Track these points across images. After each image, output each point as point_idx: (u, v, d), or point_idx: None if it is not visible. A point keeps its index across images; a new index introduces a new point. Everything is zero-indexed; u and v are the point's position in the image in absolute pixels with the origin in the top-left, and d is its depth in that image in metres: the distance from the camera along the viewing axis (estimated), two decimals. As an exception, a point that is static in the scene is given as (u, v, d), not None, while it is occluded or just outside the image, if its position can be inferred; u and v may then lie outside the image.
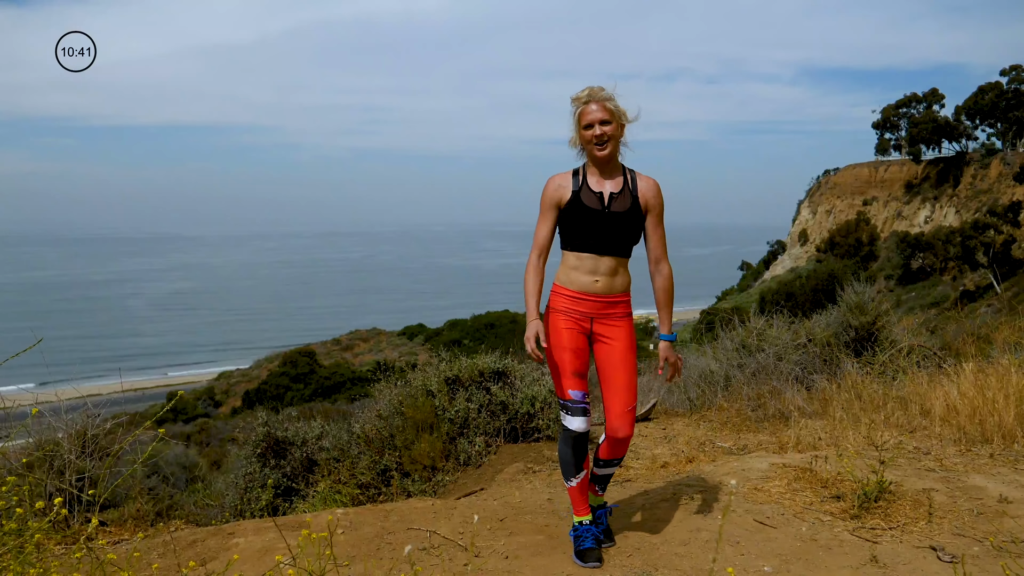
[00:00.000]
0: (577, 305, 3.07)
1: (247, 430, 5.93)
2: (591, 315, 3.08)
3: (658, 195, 3.10)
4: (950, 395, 5.16)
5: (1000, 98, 61.28)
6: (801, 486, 3.91)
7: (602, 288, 3.05)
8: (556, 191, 3.06)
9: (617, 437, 3.09)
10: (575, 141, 3.10)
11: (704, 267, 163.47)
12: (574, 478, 3.15)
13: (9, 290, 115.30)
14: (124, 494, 4.70)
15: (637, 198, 3.06)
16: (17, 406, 3.94)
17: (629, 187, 3.07)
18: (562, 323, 3.08)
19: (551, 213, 3.07)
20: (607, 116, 2.99)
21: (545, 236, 3.08)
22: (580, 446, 3.10)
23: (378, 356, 49.22)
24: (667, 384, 3.19)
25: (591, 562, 3.04)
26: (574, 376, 3.06)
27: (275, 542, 3.39)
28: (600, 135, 2.98)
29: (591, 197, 3.03)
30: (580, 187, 3.05)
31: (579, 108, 3.03)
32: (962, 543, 3.22)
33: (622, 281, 3.10)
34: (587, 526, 3.15)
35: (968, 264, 48.12)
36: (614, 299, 3.08)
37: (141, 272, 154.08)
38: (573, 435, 3.08)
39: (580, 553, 3.09)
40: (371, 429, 5.43)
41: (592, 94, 3.00)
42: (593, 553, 3.07)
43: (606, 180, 3.06)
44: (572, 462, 3.12)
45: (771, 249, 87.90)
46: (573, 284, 3.07)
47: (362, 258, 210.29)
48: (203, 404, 42.50)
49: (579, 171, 3.10)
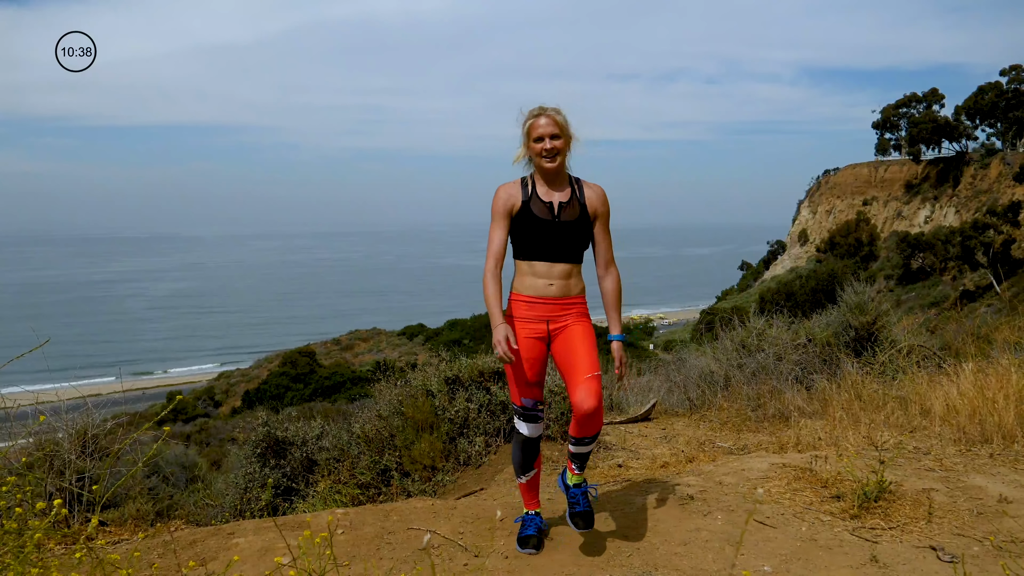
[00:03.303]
0: (533, 310, 3.15)
1: (247, 430, 5.93)
2: (547, 317, 3.16)
3: (605, 202, 3.21)
4: (950, 395, 5.16)
5: (1000, 98, 61.27)
6: (801, 486, 3.91)
7: (557, 291, 3.14)
8: (507, 200, 3.16)
9: (582, 409, 3.01)
10: (521, 155, 3.21)
11: (704, 267, 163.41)
12: (524, 476, 3.35)
13: (9, 290, 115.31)
14: (124, 494, 4.70)
15: (585, 206, 3.16)
16: (17, 406, 3.94)
17: (577, 196, 3.17)
18: (520, 332, 3.16)
19: (503, 221, 3.16)
20: (557, 131, 3.10)
21: (499, 244, 3.17)
22: (530, 450, 3.30)
23: (378, 356, 49.23)
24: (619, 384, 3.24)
25: (528, 548, 3.23)
26: (527, 385, 3.20)
27: (275, 542, 3.40)
28: (550, 148, 3.09)
29: (541, 207, 3.13)
30: (530, 197, 3.15)
31: (530, 121, 3.14)
32: (962, 543, 3.22)
33: (576, 285, 3.19)
34: (532, 516, 3.36)
35: (968, 264, 48.10)
36: (570, 301, 3.17)
37: (141, 272, 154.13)
38: (522, 439, 3.29)
39: (520, 539, 3.28)
40: (371, 429, 5.44)
41: (543, 109, 3.14)
42: (531, 540, 3.25)
43: (554, 191, 3.17)
44: (521, 463, 3.33)
45: (771, 249, 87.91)
46: (528, 289, 3.16)
47: (362, 258, 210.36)
48: (203, 404, 42.50)
49: (527, 181, 3.20)
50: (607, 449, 5.38)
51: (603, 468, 4.81)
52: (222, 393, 48.12)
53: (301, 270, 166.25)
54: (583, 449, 3.23)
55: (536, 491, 3.39)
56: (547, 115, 3.11)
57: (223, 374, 54.44)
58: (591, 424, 3.09)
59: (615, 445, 5.51)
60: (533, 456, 3.32)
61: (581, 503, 3.26)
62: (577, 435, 3.16)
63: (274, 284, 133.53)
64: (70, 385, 6.33)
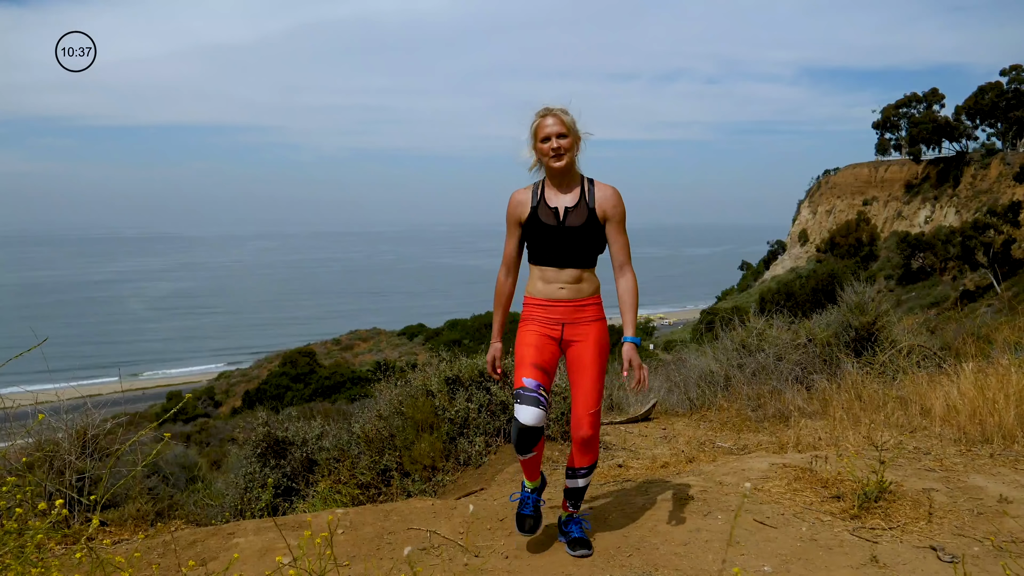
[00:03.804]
0: (547, 312, 3.15)
1: (247, 430, 5.93)
2: (562, 320, 3.14)
3: (617, 203, 3.15)
4: (950, 395, 5.16)
5: (1000, 98, 61.29)
6: (801, 486, 3.91)
7: (568, 295, 3.14)
8: (516, 208, 3.18)
9: (579, 434, 3.10)
10: (535, 162, 3.18)
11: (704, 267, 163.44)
12: (525, 455, 3.15)
13: (9, 290, 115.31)
14: (124, 494, 4.70)
15: (593, 209, 3.13)
16: (17, 406, 3.94)
17: (586, 199, 3.14)
18: (532, 326, 3.17)
19: (515, 230, 3.19)
20: (563, 130, 3.09)
21: (512, 252, 3.21)
22: (527, 437, 3.06)
23: (378, 356, 49.24)
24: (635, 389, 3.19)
25: (524, 530, 3.20)
26: (531, 366, 3.09)
27: (275, 542, 3.40)
28: (557, 147, 3.08)
29: (547, 213, 3.13)
30: (538, 203, 3.15)
31: (536, 122, 3.13)
32: (962, 543, 3.22)
33: (589, 287, 3.17)
34: (529, 492, 3.27)
35: (968, 264, 48.10)
36: (582, 303, 3.15)
37: (141, 272, 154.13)
38: (520, 428, 3.05)
39: (518, 516, 3.26)
40: (371, 429, 5.43)
41: (549, 109, 3.13)
42: (527, 521, 3.21)
43: (563, 194, 3.15)
44: (518, 447, 3.12)
45: (771, 249, 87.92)
46: (540, 293, 3.16)
47: (362, 258, 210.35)
48: (203, 404, 42.50)
49: (538, 186, 3.20)
50: (607, 449, 5.38)
51: (603, 468, 4.81)
52: (222, 393, 48.14)
53: (301, 270, 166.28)
54: (576, 483, 3.24)
55: (537, 466, 3.25)
56: (553, 115, 3.10)
57: (223, 374, 54.47)
58: (588, 451, 3.13)
59: (615, 445, 5.51)
60: (532, 443, 3.10)
61: (575, 532, 3.28)
62: (575, 465, 3.20)
63: (274, 284, 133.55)
64: (70, 385, 6.33)
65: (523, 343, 3.15)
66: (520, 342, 3.17)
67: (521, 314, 3.23)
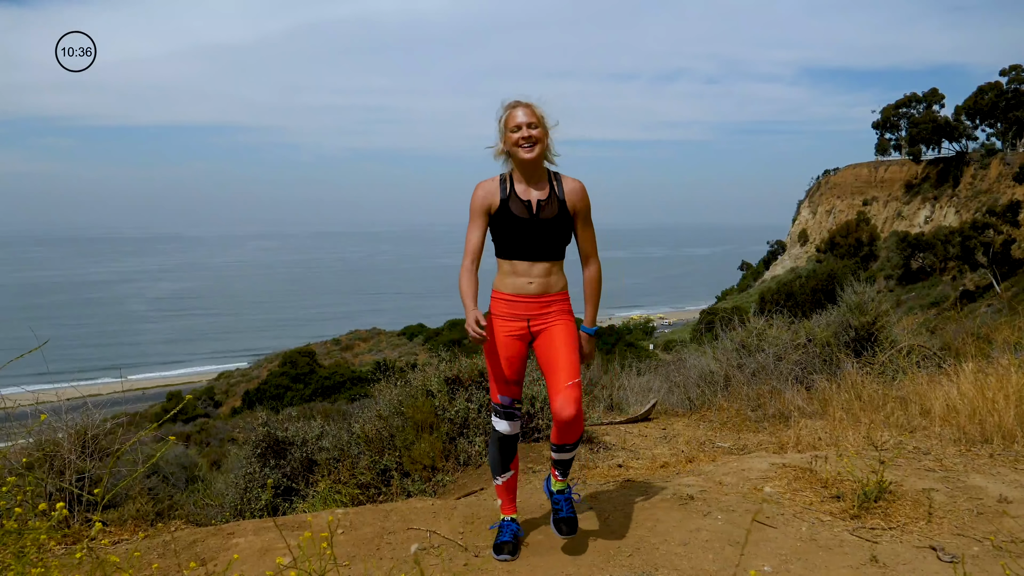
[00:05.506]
0: (514, 308, 3.14)
1: (247, 430, 5.94)
2: (528, 315, 3.14)
3: (584, 197, 3.17)
4: (950, 395, 5.16)
5: (1000, 98, 61.30)
6: (801, 486, 3.91)
7: (537, 289, 3.13)
8: (485, 198, 3.14)
9: (561, 417, 3.02)
10: (500, 150, 3.16)
11: (704, 267, 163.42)
12: (500, 477, 3.31)
13: (9, 290, 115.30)
14: (124, 494, 4.70)
15: (564, 202, 3.14)
16: (17, 406, 3.95)
17: (556, 192, 3.14)
18: (500, 330, 3.15)
19: (481, 219, 3.15)
20: (534, 120, 3.08)
21: (476, 242, 3.15)
22: (507, 448, 3.27)
23: (378, 356, 49.20)
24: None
25: (503, 555, 3.19)
26: (505, 383, 3.19)
27: (275, 542, 3.40)
28: (528, 136, 3.06)
29: (519, 206, 3.11)
30: (508, 195, 3.12)
31: (507, 112, 3.12)
32: (962, 543, 3.22)
33: (557, 281, 3.17)
34: (508, 523, 3.31)
35: (968, 264, 48.10)
36: (550, 298, 3.16)
37: (141, 272, 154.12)
38: (499, 436, 3.26)
39: (496, 546, 3.24)
40: (371, 429, 5.44)
41: (519, 101, 3.12)
42: (506, 547, 3.22)
43: (532, 188, 3.14)
44: (499, 461, 3.29)
45: (771, 249, 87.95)
46: (508, 287, 3.15)
47: (362, 258, 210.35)
48: (203, 404, 42.49)
49: (506, 178, 3.17)
50: (607, 449, 5.38)
51: (603, 468, 4.80)
52: (222, 393, 48.12)
53: (301, 270, 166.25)
54: (564, 456, 3.23)
55: (513, 494, 3.35)
56: (523, 106, 3.09)
57: (223, 374, 54.43)
58: (571, 431, 3.10)
59: (615, 445, 5.51)
60: (510, 456, 3.28)
61: (564, 509, 3.27)
62: (558, 441, 3.18)
63: (274, 284, 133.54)
64: (70, 385, 6.33)
65: (494, 352, 3.15)
66: (491, 350, 3.17)
67: (488, 309, 3.20)
